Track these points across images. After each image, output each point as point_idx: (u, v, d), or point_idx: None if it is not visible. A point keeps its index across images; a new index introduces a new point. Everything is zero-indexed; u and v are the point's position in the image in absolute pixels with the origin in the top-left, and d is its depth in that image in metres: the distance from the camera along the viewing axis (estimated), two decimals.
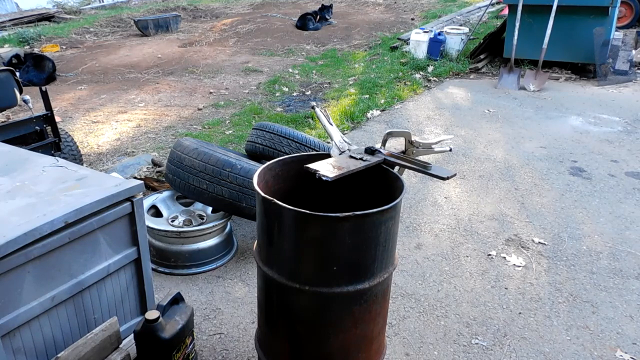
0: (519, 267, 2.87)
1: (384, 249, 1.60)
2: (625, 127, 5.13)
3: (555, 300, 2.60)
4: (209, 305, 2.54)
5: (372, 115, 5.50)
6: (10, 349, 1.51)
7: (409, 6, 12.77)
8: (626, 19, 9.00)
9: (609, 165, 4.21)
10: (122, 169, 3.89)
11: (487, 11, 9.03)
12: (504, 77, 6.64)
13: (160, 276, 2.76)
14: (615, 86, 6.50)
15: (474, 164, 4.26)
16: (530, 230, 3.25)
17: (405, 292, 2.66)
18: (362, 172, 1.76)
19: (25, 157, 1.99)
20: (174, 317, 1.77)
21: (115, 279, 1.83)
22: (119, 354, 1.68)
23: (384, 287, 1.70)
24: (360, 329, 1.69)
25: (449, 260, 2.94)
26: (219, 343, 2.30)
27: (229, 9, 13.25)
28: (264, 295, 1.79)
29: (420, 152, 2.09)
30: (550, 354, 2.24)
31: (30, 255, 1.49)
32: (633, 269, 2.85)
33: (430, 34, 7.61)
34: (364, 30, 10.41)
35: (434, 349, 2.27)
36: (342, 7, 13.02)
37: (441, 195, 3.72)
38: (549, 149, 4.59)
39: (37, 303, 1.55)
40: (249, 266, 2.87)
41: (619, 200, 3.63)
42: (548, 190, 3.80)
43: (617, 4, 6.55)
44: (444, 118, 5.46)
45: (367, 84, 6.53)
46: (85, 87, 6.83)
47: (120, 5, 14.24)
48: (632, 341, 2.32)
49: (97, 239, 1.71)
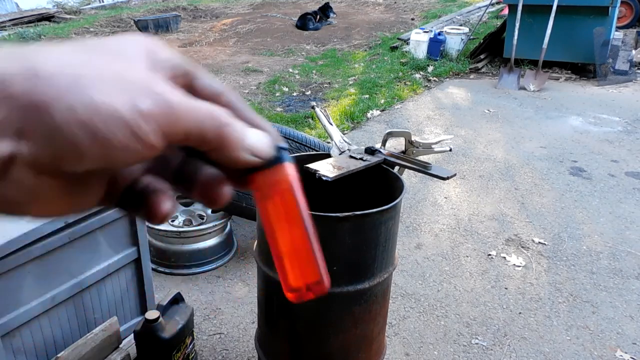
0: (519, 267, 2.87)
1: (384, 249, 1.60)
2: (625, 127, 5.13)
3: (555, 300, 2.60)
4: (209, 305, 2.54)
5: (372, 115, 5.50)
6: (10, 349, 1.51)
7: (409, 6, 12.77)
8: (626, 19, 9.00)
9: (609, 165, 4.21)
10: None
11: (487, 11, 9.03)
12: (504, 77, 6.64)
13: (160, 276, 2.76)
14: (615, 86, 6.50)
15: (474, 164, 4.26)
16: (530, 230, 3.25)
17: (405, 292, 2.66)
18: (362, 172, 1.76)
19: None
20: (174, 317, 1.77)
21: (115, 279, 1.83)
22: (119, 354, 1.68)
23: (384, 287, 1.70)
24: (360, 329, 1.69)
25: (449, 260, 2.94)
26: (219, 343, 2.30)
27: (229, 9, 13.25)
28: (264, 295, 1.79)
29: (420, 152, 2.09)
30: (550, 354, 2.24)
31: (30, 255, 1.49)
32: (633, 269, 2.85)
33: (430, 34, 7.61)
34: (364, 30, 10.41)
35: (434, 349, 2.27)
36: (342, 7, 13.02)
37: (441, 195, 3.72)
38: (549, 149, 4.59)
39: (37, 303, 1.55)
40: (249, 266, 2.87)
41: (619, 200, 3.63)
42: (548, 190, 3.80)
43: (617, 4, 6.54)
44: (444, 118, 5.46)
45: (367, 84, 6.53)
46: None
47: (120, 5, 14.24)
48: (632, 341, 2.32)
49: (97, 239, 1.71)
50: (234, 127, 0.31)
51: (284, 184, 0.34)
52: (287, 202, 0.34)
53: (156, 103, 0.27)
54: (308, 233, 0.35)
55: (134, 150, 0.26)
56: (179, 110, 0.28)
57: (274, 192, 0.34)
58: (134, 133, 0.26)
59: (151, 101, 0.27)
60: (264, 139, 0.33)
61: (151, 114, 0.26)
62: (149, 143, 0.27)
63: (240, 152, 0.31)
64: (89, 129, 0.25)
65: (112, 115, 0.25)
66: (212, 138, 0.30)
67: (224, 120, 0.30)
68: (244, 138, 0.31)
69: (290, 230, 0.34)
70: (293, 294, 0.35)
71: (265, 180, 0.33)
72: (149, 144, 0.27)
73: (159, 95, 0.27)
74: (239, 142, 0.31)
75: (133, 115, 0.26)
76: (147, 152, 0.27)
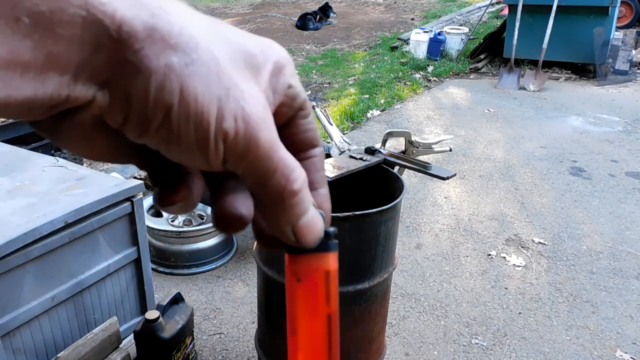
0: (519, 267, 2.87)
1: (384, 249, 1.60)
2: (625, 127, 5.13)
3: (555, 300, 2.60)
4: (209, 305, 2.54)
5: (372, 115, 5.50)
6: (10, 349, 1.51)
7: (409, 6, 12.77)
8: (626, 19, 9.00)
9: (609, 165, 4.21)
10: (122, 168, 3.89)
11: (487, 11, 9.03)
12: (504, 77, 6.64)
13: (160, 276, 2.76)
14: (615, 86, 6.50)
15: (474, 164, 4.25)
16: (530, 230, 3.25)
17: (405, 292, 2.66)
18: (362, 172, 1.76)
19: (25, 157, 1.99)
20: (174, 317, 1.77)
21: (115, 279, 1.83)
22: (119, 354, 1.68)
23: (384, 287, 1.70)
24: (360, 329, 1.69)
25: (449, 260, 2.94)
26: (219, 343, 2.30)
27: (229, 9, 13.25)
28: (264, 295, 1.79)
29: (420, 152, 2.09)
30: (550, 354, 2.24)
31: (30, 255, 1.49)
32: (633, 269, 2.85)
33: (430, 34, 7.61)
34: (364, 30, 10.41)
35: (434, 349, 2.27)
36: (342, 7, 13.02)
37: (441, 195, 3.72)
38: (549, 148, 4.59)
39: (37, 303, 1.55)
40: (249, 266, 2.87)
41: (619, 200, 3.63)
42: (548, 190, 3.80)
43: (617, 4, 6.54)
44: (444, 118, 5.46)
45: (367, 84, 6.53)
46: None
47: None
48: (632, 341, 2.32)
49: (97, 239, 1.71)
50: (300, 200, 0.27)
51: (321, 275, 0.30)
52: (316, 296, 0.31)
53: (246, 130, 0.24)
54: (330, 334, 0.31)
55: (192, 157, 0.24)
56: (262, 149, 0.25)
57: (308, 279, 0.31)
58: (205, 145, 0.24)
59: (243, 126, 0.24)
60: (317, 226, 0.29)
61: (233, 139, 0.24)
62: (210, 160, 0.24)
63: (286, 229, 0.28)
64: (168, 114, 0.23)
65: (197, 114, 0.23)
66: (270, 196, 0.27)
67: (295, 187, 0.27)
68: (300, 217, 0.28)
69: (311, 323, 0.31)
70: None
71: (302, 263, 0.30)
72: (210, 161, 0.25)
73: (254, 124, 0.24)
74: (291, 218, 0.28)
75: (216, 129, 0.24)
76: (202, 164, 0.25)
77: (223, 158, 0.25)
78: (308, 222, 0.28)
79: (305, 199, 0.28)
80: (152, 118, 0.23)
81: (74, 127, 0.24)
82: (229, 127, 0.24)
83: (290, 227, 0.28)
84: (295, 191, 0.27)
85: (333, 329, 0.32)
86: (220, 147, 0.24)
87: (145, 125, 0.23)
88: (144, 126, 0.23)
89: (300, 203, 0.27)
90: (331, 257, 0.31)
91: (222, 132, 0.24)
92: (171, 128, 0.23)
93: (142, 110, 0.23)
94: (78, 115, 0.24)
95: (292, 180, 0.26)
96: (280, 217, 0.27)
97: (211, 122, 0.23)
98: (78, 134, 0.25)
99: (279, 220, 0.28)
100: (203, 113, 0.23)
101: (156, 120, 0.23)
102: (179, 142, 0.24)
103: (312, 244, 0.29)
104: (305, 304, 0.31)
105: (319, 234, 0.29)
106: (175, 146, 0.24)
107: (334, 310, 0.32)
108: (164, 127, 0.23)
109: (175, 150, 0.24)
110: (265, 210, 0.28)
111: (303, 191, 0.27)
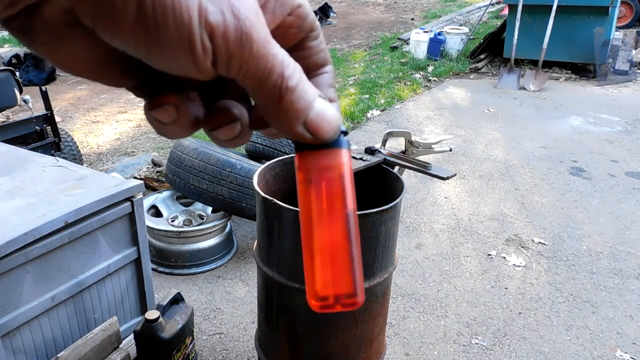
0: (519, 267, 2.87)
1: (384, 249, 1.60)
2: (625, 127, 5.13)
3: (555, 300, 2.60)
4: (209, 305, 2.54)
5: (372, 115, 5.50)
6: (10, 349, 1.51)
7: (409, 6, 12.77)
8: (626, 19, 9.00)
9: (609, 165, 4.21)
10: (122, 168, 3.89)
11: (487, 11, 9.03)
12: (504, 77, 6.64)
13: (160, 276, 2.76)
14: (615, 86, 6.50)
15: (474, 164, 4.25)
16: (530, 230, 3.25)
17: (405, 292, 2.66)
18: (362, 172, 1.76)
19: (25, 157, 1.99)
20: (174, 317, 1.77)
21: (115, 279, 1.83)
22: (118, 354, 1.68)
23: (384, 287, 1.70)
24: (360, 329, 1.69)
25: (449, 260, 2.94)
26: (219, 343, 2.30)
27: None
28: (264, 295, 1.79)
29: (420, 152, 2.09)
30: (550, 354, 2.24)
31: (30, 255, 1.49)
32: (633, 269, 2.85)
33: (430, 34, 7.62)
34: (364, 30, 10.41)
35: (434, 349, 2.27)
36: (342, 7, 13.02)
37: (441, 195, 3.72)
38: (549, 149, 4.59)
39: (37, 303, 1.55)
40: (249, 266, 2.87)
41: (619, 200, 3.63)
42: (548, 190, 3.80)
43: (617, 4, 6.55)
44: (444, 118, 5.46)
45: (367, 83, 6.53)
46: (85, 86, 6.83)
47: None
48: (632, 341, 2.32)
49: (97, 239, 1.71)
50: (300, 94, 0.25)
51: (336, 172, 0.29)
52: (334, 193, 0.29)
53: (236, 25, 0.22)
54: (350, 235, 0.29)
55: (178, 61, 0.22)
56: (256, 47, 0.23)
57: (321, 178, 0.29)
58: (190, 43, 0.21)
59: (234, 21, 0.22)
60: (330, 116, 0.27)
61: (223, 35, 0.22)
62: (199, 62, 0.22)
63: (299, 128, 0.26)
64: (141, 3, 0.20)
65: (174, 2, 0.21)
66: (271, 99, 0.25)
67: (291, 84, 0.25)
68: (308, 110, 0.26)
69: (330, 226, 0.29)
70: (317, 302, 0.29)
71: (316, 162, 0.29)
72: (198, 63, 0.22)
73: (245, 19, 0.22)
74: (299, 115, 0.26)
75: (200, 23, 0.21)
76: (190, 70, 0.23)
77: (212, 59, 0.22)
78: (318, 113, 0.26)
79: (307, 91, 0.26)
80: (123, 7, 0.21)
81: (45, 26, 0.23)
82: (215, 20, 0.22)
83: (302, 125, 0.26)
84: (293, 87, 0.25)
85: (353, 230, 0.29)
86: (208, 45, 0.22)
87: (118, 18, 0.21)
88: (117, 20, 0.21)
89: (303, 95, 0.26)
90: (345, 154, 0.29)
91: (208, 26, 0.21)
92: (147, 23, 0.21)
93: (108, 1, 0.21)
94: (46, 10, 0.22)
95: (288, 77, 0.25)
96: (288, 116, 0.26)
97: (192, 15, 0.21)
98: (52, 34, 0.23)
99: (288, 121, 0.26)
100: (181, 2, 0.21)
101: (128, 11, 0.21)
102: (160, 41, 0.21)
103: (331, 136, 0.28)
104: (321, 205, 0.29)
105: (335, 124, 0.28)
106: (157, 48, 0.22)
107: (352, 209, 0.29)
108: (139, 22, 0.21)
109: (158, 54, 0.22)
110: (272, 115, 0.26)
111: (300, 85, 0.26)
